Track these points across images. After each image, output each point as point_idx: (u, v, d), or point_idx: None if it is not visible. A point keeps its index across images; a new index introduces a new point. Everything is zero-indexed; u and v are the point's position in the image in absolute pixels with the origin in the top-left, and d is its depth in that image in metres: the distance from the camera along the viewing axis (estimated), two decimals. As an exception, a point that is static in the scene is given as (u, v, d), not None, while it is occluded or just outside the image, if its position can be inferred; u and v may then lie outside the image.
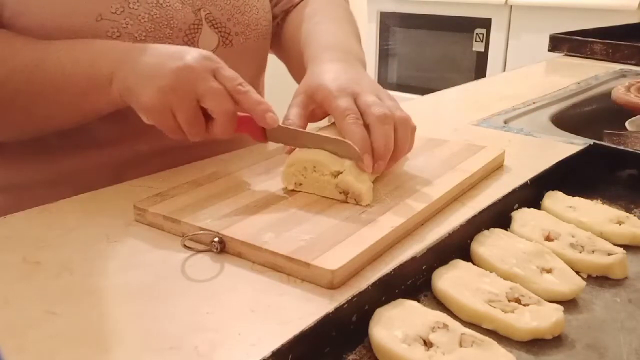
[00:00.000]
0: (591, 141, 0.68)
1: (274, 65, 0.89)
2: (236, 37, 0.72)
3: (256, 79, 0.81)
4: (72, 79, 0.58)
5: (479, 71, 2.45)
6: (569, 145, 0.75)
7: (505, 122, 0.87)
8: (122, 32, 0.62)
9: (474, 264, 0.45)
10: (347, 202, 0.54)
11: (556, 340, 0.38)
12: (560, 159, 0.60)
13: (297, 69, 0.77)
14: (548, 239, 0.49)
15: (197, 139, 0.56)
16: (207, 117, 0.56)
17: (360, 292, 0.38)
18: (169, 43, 0.65)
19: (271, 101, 0.89)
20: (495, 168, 0.66)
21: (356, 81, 0.59)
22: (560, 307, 0.40)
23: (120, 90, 0.57)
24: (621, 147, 0.69)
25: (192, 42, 0.67)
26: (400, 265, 0.41)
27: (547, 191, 0.57)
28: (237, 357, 0.37)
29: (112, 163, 0.67)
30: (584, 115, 1.01)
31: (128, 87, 0.56)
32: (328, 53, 0.66)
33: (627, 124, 0.86)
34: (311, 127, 0.62)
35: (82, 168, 0.67)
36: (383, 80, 2.79)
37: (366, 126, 0.56)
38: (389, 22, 2.71)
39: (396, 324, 0.37)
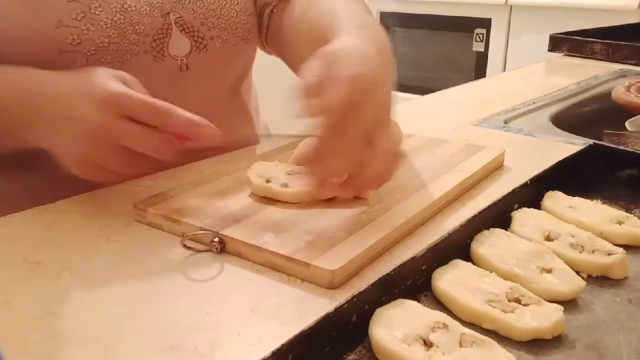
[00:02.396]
0: (591, 141, 0.68)
1: (275, 66, 0.88)
2: (211, 42, 0.69)
3: (238, 85, 0.78)
4: None
5: (479, 71, 2.45)
6: (569, 145, 0.75)
7: (505, 122, 0.87)
8: (83, 39, 0.59)
9: (474, 264, 0.45)
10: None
11: (556, 340, 0.38)
12: (560, 159, 0.60)
13: (299, 63, 0.73)
14: (548, 239, 0.49)
15: (145, 172, 0.56)
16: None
17: (360, 292, 0.38)
18: (136, 49, 0.63)
19: (270, 101, 0.87)
20: (495, 168, 0.66)
21: (372, 84, 0.49)
22: (560, 307, 0.40)
23: (39, 143, 0.55)
24: (621, 147, 0.69)
25: (161, 48, 0.65)
26: (400, 265, 0.41)
27: (547, 191, 0.57)
28: (237, 357, 0.37)
29: None
30: (584, 115, 1.01)
31: (48, 146, 0.54)
32: (350, 29, 0.56)
33: (627, 124, 0.86)
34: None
35: (58, 178, 0.63)
36: (383, 80, 2.78)
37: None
38: (389, 22, 2.71)
39: (396, 324, 0.37)
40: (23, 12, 0.57)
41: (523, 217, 0.52)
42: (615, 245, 0.48)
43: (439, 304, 0.42)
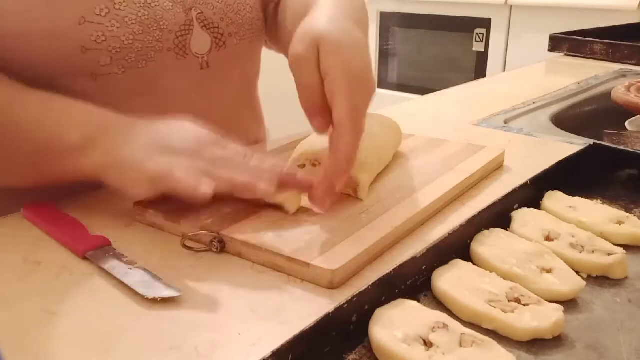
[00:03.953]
0: (591, 141, 0.68)
1: (272, 65, 0.87)
2: (230, 38, 0.68)
3: (252, 82, 0.78)
4: (35, 137, 0.53)
5: (479, 71, 2.45)
6: (569, 145, 0.75)
7: (505, 122, 0.87)
8: (108, 36, 0.57)
9: (474, 264, 0.45)
10: (346, 195, 0.54)
11: (556, 340, 0.38)
12: (560, 159, 0.60)
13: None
14: (548, 239, 0.49)
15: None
16: None
17: (360, 292, 0.38)
18: (159, 47, 0.61)
19: (269, 102, 0.87)
20: (495, 168, 0.66)
21: (368, 73, 0.51)
22: (560, 307, 0.40)
23: (98, 173, 0.52)
24: (621, 147, 0.69)
25: (183, 45, 0.64)
26: (400, 265, 0.41)
27: (547, 191, 0.57)
28: (237, 357, 0.37)
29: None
30: (584, 115, 1.01)
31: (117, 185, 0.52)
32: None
33: (627, 124, 0.86)
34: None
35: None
36: (383, 80, 2.79)
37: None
38: (389, 22, 2.71)
39: (396, 324, 0.37)
40: (43, 9, 0.55)
41: (523, 217, 0.52)
42: (615, 245, 0.48)
43: (439, 304, 0.42)
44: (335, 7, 0.55)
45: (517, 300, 0.40)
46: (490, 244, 0.47)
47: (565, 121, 0.91)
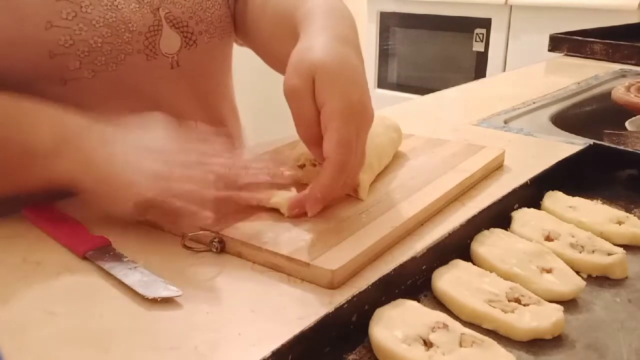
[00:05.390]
0: (591, 141, 0.68)
1: (260, 69, 0.86)
2: (200, 37, 0.68)
3: (225, 79, 0.78)
4: (5, 142, 0.52)
5: (479, 71, 2.44)
6: (569, 145, 0.75)
7: (505, 122, 0.87)
8: (76, 40, 0.57)
9: (474, 264, 0.45)
10: (346, 195, 0.54)
11: (556, 340, 0.38)
12: (560, 159, 0.60)
13: (267, 48, 0.73)
14: (548, 239, 0.49)
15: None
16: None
17: (360, 292, 0.38)
18: (129, 49, 0.61)
19: (256, 105, 0.86)
20: (495, 168, 0.66)
21: (365, 102, 0.50)
22: (560, 307, 0.40)
23: (73, 179, 0.51)
24: (621, 147, 0.69)
25: (153, 46, 0.63)
26: (400, 265, 0.41)
27: (547, 191, 0.57)
28: (237, 357, 0.37)
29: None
30: (584, 115, 1.01)
31: (93, 192, 0.51)
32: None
33: (627, 124, 0.86)
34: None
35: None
36: (383, 80, 2.79)
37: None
38: (389, 22, 2.71)
39: (396, 324, 0.37)
40: (7, 16, 0.54)
41: (523, 217, 0.52)
42: (615, 245, 0.48)
43: (439, 304, 0.42)
44: (326, 28, 0.54)
45: (517, 300, 0.40)
46: (490, 244, 0.47)
47: (565, 121, 0.91)
